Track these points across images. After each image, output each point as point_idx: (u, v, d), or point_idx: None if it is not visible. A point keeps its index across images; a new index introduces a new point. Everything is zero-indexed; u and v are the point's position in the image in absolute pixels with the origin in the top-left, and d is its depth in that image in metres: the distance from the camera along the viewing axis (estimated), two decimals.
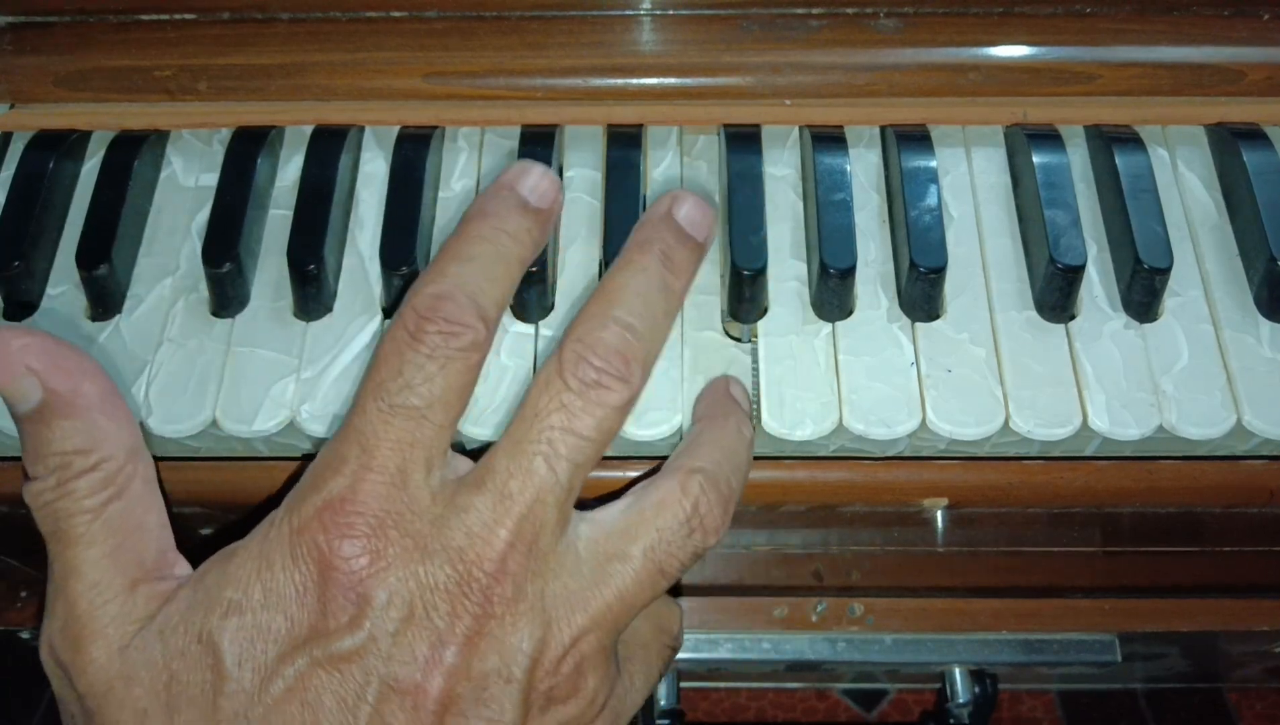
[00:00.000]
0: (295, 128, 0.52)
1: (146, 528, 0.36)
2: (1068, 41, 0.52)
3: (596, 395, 0.35)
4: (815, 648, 0.63)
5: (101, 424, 0.35)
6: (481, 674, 0.33)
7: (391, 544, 0.33)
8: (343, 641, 0.33)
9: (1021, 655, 0.63)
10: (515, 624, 0.34)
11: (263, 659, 0.33)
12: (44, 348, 0.35)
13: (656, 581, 0.36)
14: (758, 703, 1.12)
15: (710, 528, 0.37)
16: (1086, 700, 1.10)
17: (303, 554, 0.33)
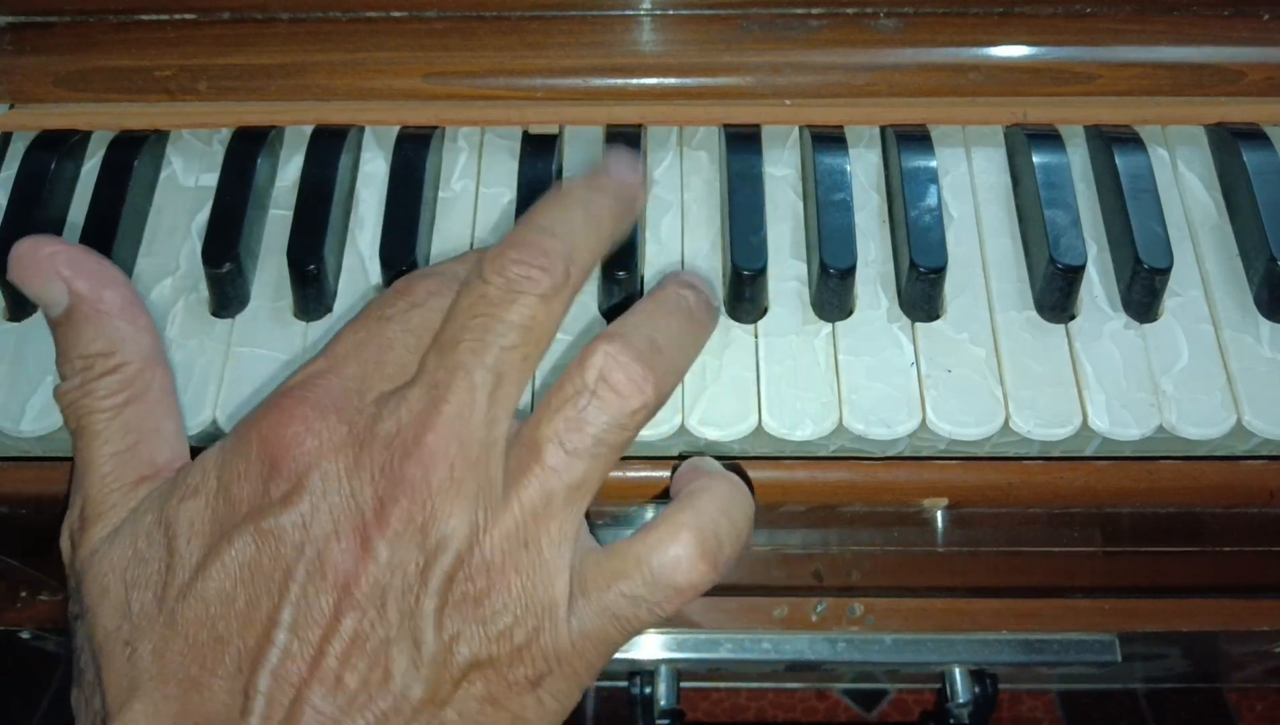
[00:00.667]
0: (295, 128, 0.52)
1: (162, 433, 0.38)
2: (1068, 41, 0.52)
3: (519, 284, 0.36)
4: (815, 648, 0.63)
5: (122, 329, 0.38)
6: (404, 563, 0.33)
7: (331, 430, 0.35)
8: (278, 517, 0.34)
9: (1021, 655, 0.63)
10: (438, 515, 0.34)
11: (209, 537, 0.34)
12: (71, 255, 0.38)
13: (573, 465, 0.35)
14: (758, 703, 1.12)
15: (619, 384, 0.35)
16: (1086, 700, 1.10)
17: (254, 437, 0.35)
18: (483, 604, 0.34)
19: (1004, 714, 1.09)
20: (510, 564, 0.34)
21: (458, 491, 0.34)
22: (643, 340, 0.36)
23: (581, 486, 0.35)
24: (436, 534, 0.34)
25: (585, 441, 0.35)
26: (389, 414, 0.35)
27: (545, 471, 0.35)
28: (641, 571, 0.35)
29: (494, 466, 0.35)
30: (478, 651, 0.34)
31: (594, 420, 0.35)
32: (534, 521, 0.35)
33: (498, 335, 0.36)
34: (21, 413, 0.45)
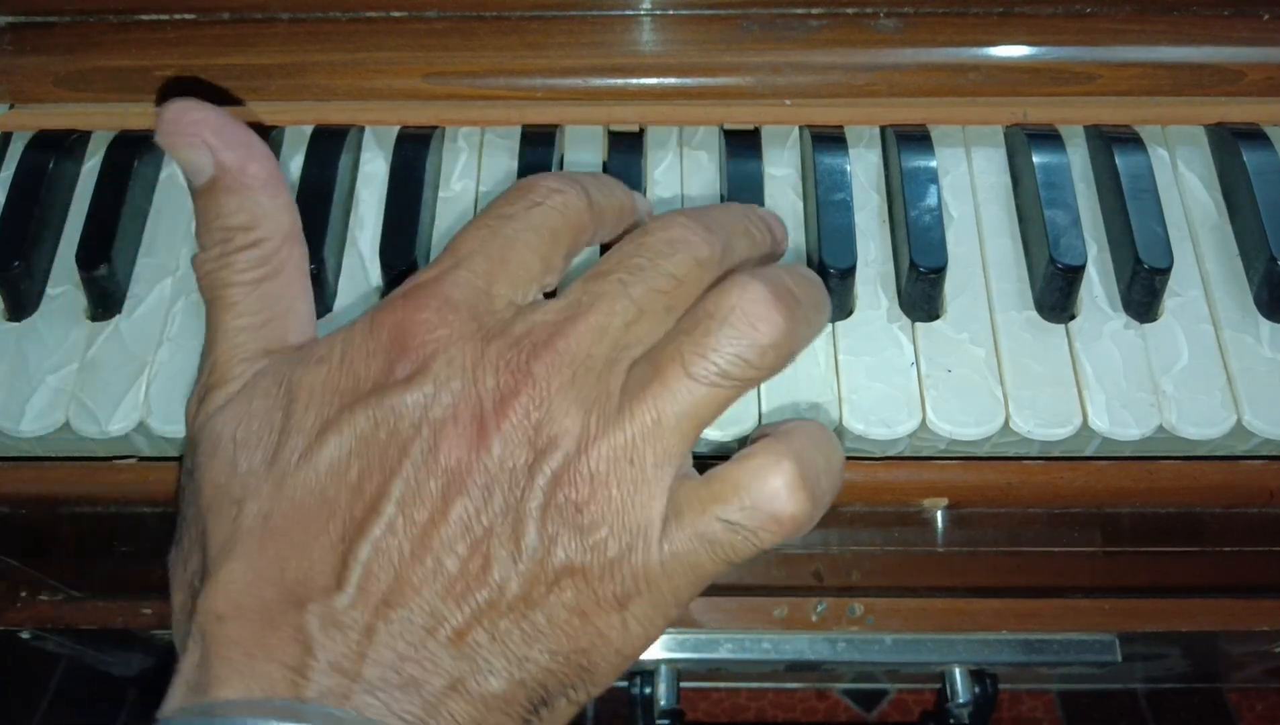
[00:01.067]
0: (295, 128, 0.52)
1: (295, 312, 0.38)
2: (1068, 41, 0.52)
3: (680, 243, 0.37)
4: (815, 648, 0.63)
5: (264, 204, 0.38)
6: (514, 459, 0.34)
7: (462, 322, 0.35)
8: (398, 396, 0.34)
9: (1021, 655, 0.63)
10: (553, 415, 0.34)
11: (328, 408, 0.34)
12: (219, 124, 0.37)
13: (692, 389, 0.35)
14: (758, 703, 1.12)
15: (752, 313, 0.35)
16: (1087, 700, 1.10)
17: (381, 321, 0.35)
18: (583, 511, 0.34)
19: (1004, 714, 1.09)
20: (614, 476, 0.34)
21: (576, 396, 0.34)
22: (781, 285, 0.36)
23: (695, 414, 0.35)
24: (549, 433, 0.34)
25: (710, 368, 0.35)
26: (524, 318, 0.36)
27: (663, 390, 0.35)
28: (741, 497, 0.35)
29: (614, 382, 0.35)
30: (573, 557, 0.34)
31: (722, 348, 0.35)
32: (642, 439, 0.35)
33: (650, 274, 0.36)
34: (21, 413, 0.45)
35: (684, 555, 0.35)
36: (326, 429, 0.34)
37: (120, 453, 0.47)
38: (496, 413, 0.34)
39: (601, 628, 0.34)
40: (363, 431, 0.34)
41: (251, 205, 0.37)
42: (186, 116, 0.37)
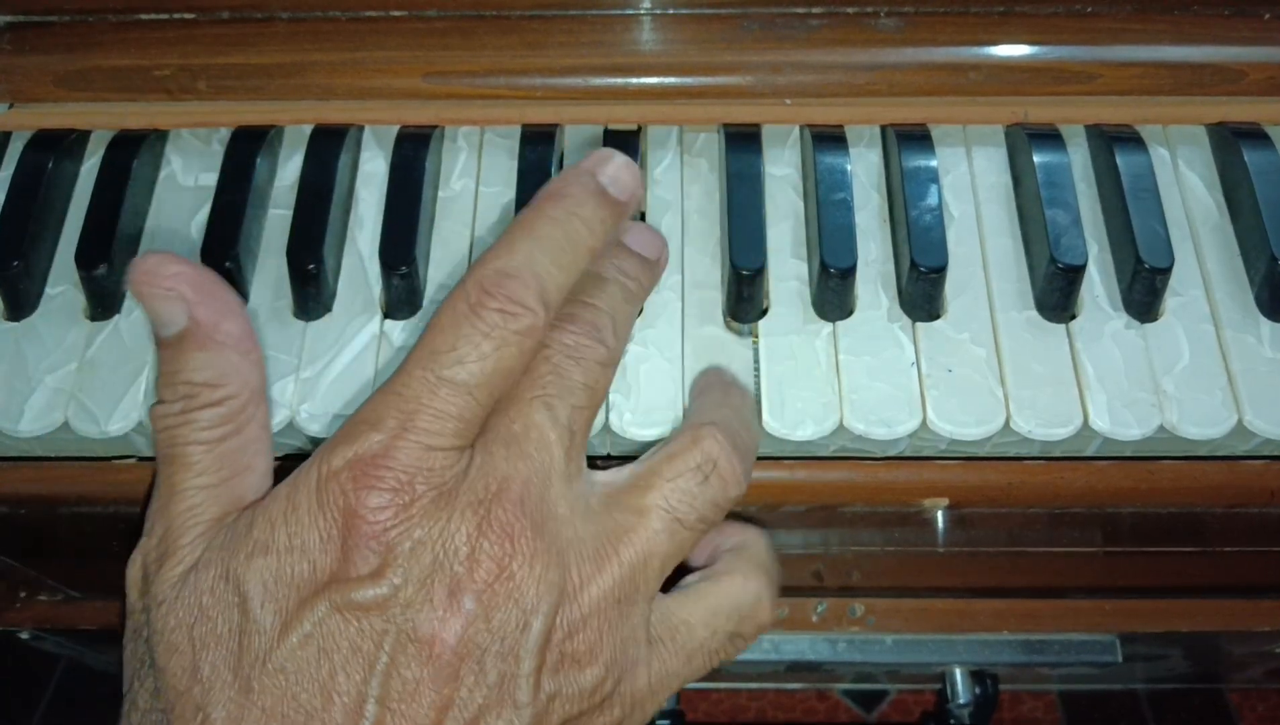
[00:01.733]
0: (295, 127, 0.52)
1: (254, 470, 0.37)
2: (1068, 41, 0.51)
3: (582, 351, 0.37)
4: (815, 648, 0.63)
5: (235, 362, 0.36)
6: (500, 623, 0.33)
7: (418, 498, 0.34)
8: (365, 591, 0.33)
9: (1022, 656, 0.63)
10: (533, 570, 0.34)
11: (285, 603, 0.33)
12: (196, 279, 0.36)
13: (676, 532, 0.37)
14: (758, 703, 1.12)
15: (726, 474, 0.38)
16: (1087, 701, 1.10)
17: (329, 502, 0.34)
18: (580, 661, 0.35)
19: (1005, 714, 1.09)
20: (605, 622, 0.35)
21: (548, 550, 0.34)
22: (739, 436, 0.39)
23: (675, 555, 0.37)
24: (533, 593, 0.33)
25: (694, 514, 0.37)
26: (475, 472, 0.35)
27: (652, 535, 0.36)
28: (726, 614, 0.38)
29: (581, 523, 0.36)
30: (570, 710, 0.34)
31: (703, 498, 0.37)
32: (630, 581, 0.36)
33: (568, 395, 0.36)
34: (21, 413, 0.45)
35: (673, 673, 0.37)
36: (289, 628, 0.32)
37: (119, 453, 0.47)
38: (473, 587, 0.33)
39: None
40: (330, 629, 0.32)
41: (221, 362, 0.36)
42: (164, 268, 0.36)
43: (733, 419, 0.40)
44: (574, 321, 0.38)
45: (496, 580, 0.33)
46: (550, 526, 0.34)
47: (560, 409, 0.36)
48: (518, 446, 0.35)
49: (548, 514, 0.35)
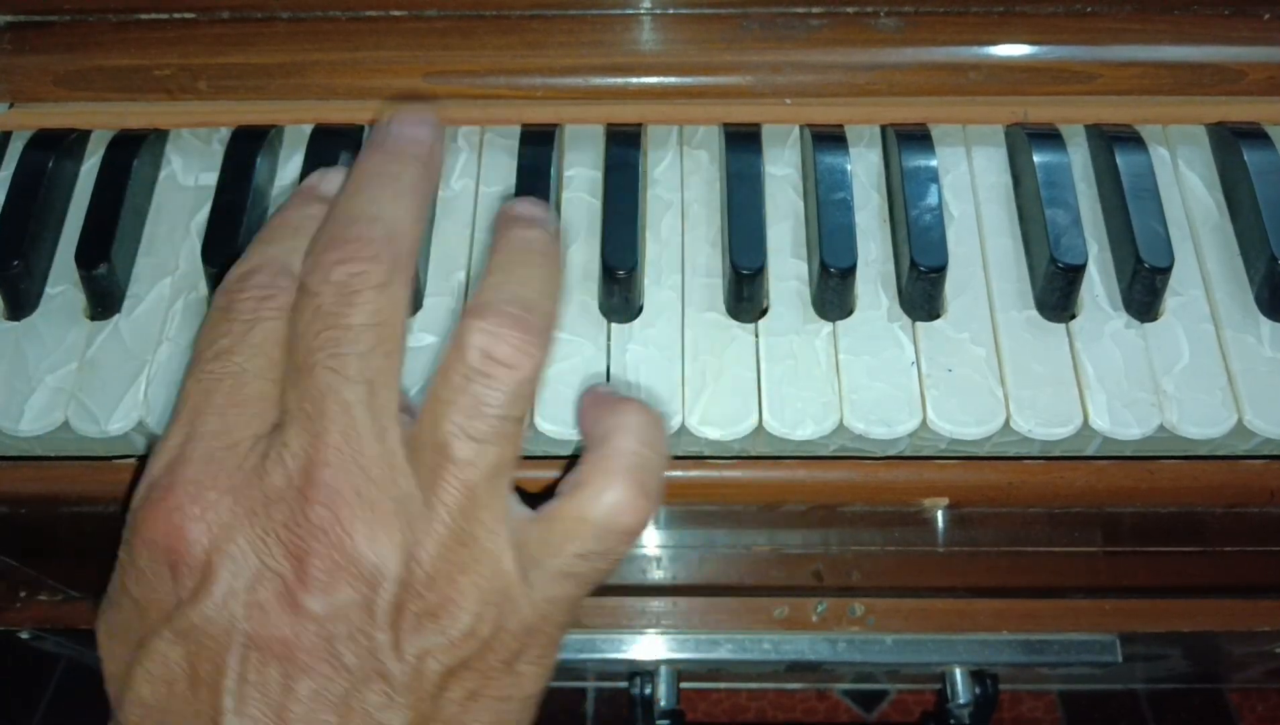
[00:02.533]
0: (295, 127, 0.52)
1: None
2: (1068, 41, 0.51)
3: (350, 285, 0.34)
4: (815, 648, 0.63)
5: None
6: (342, 607, 0.32)
7: (212, 506, 0.33)
8: (192, 613, 0.32)
9: (1022, 656, 0.63)
10: (360, 544, 0.32)
11: (131, 646, 0.33)
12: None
13: (484, 449, 0.34)
14: (758, 703, 1.12)
15: (504, 356, 0.34)
16: (1087, 701, 1.10)
17: (140, 536, 0.33)
18: (440, 615, 0.33)
19: (1004, 714, 1.09)
20: (455, 567, 0.33)
21: (374, 517, 0.33)
22: (513, 303, 0.35)
23: (499, 467, 0.34)
24: (368, 566, 0.32)
25: (490, 424, 0.34)
26: (272, 465, 0.33)
27: (460, 467, 0.33)
28: (588, 527, 0.34)
29: (402, 478, 0.33)
30: (447, 660, 0.33)
31: (492, 401, 0.33)
32: (464, 518, 0.33)
33: (349, 343, 0.34)
34: (21, 412, 0.45)
35: (552, 596, 0.35)
36: (133, 667, 0.33)
37: (120, 452, 0.47)
38: (301, 580, 0.32)
39: (499, 694, 0.34)
40: (172, 659, 0.32)
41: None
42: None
43: (507, 283, 0.35)
44: (335, 246, 0.35)
45: (326, 567, 0.32)
46: (369, 493, 0.33)
47: (348, 364, 0.33)
48: (312, 423, 0.33)
49: (363, 481, 0.33)
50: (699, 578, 0.61)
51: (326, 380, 0.33)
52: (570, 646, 0.61)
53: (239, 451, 0.34)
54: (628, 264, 0.46)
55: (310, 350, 0.34)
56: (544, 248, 0.37)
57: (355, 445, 0.33)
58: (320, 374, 0.33)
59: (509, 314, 0.34)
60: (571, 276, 0.48)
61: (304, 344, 0.34)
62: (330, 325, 0.34)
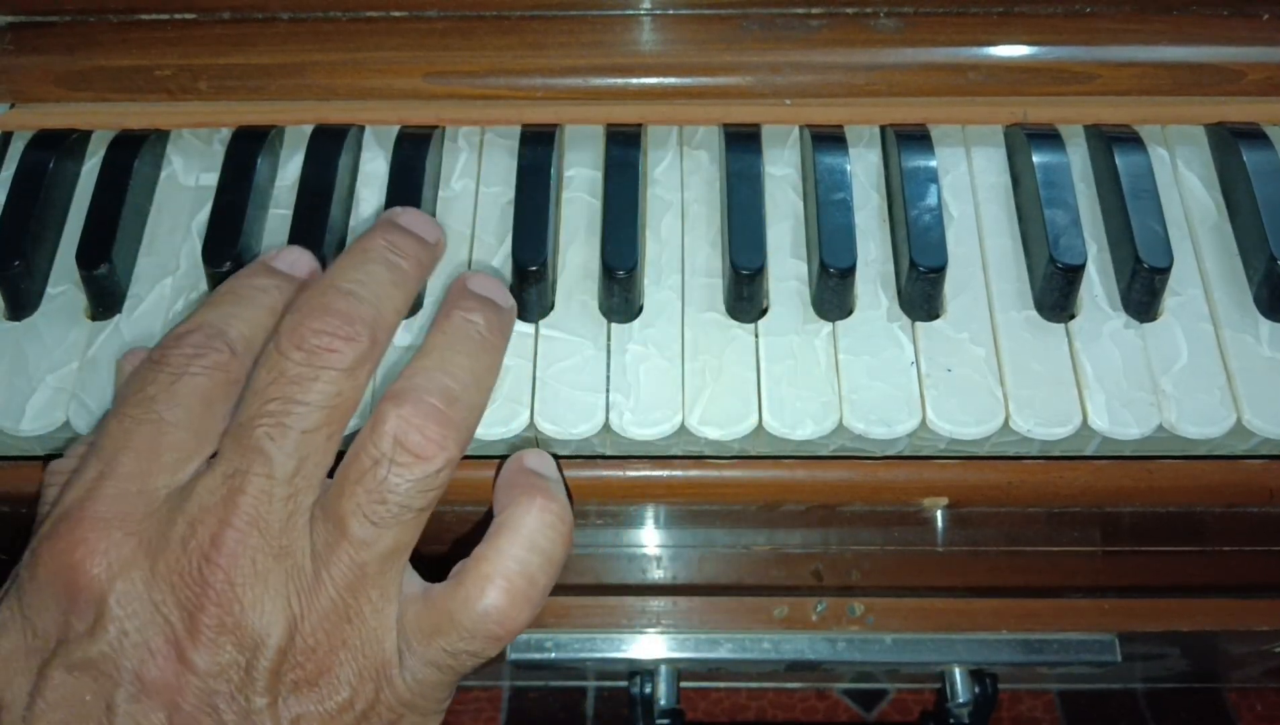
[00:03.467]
0: (295, 127, 0.52)
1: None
2: (1068, 41, 0.52)
3: (320, 358, 0.34)
4: (815, 648, 0.63)
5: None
6: (225, 665, 0.33)
7: (119, 547, 0.33)
8: (87, 648, 0.33)
9: (1021, 655, 0.63)
10: (250, 613, 0.33)
11: (29, 674, 0.33)
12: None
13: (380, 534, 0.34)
14: (758, 703, 1.12)
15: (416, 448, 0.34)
16: (1086, 700, 1.10)
17: (42, 568, 0.34)
18: (317, 684, 0.33)
19: (1004, 714, 1.09)
20: (336, 641, 0.34)
21: (265, 585, 0.33)
22: (436, 393, 0.35)
23: (395, 551, 0.35)
24: (252, 632, 0.33)
25: (390, 510, 0.34)
26: (181, 513, 0.34)
27: (354, 546, 0.34)
28: (456, 628, 0.35)
29: (299, 550, 0.34)
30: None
31: (396, 488, 0.34)
32: (351, 595, 0.34)
33: (298, 418, 0.34)
34: (22, 412, 0.45)
35: (425, 680, 0.35)
36: (32, 699, 0.33)
37: None
38: (189, 632, 0.32)
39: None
40: (65, 693, 0.32)
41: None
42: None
43: (435, 368, 0.36)
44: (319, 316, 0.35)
45: (212, 628, 0.33)
46: (264, 564, 0.33)
47: (288, 437, 0.34)
48: (233, 484, 0.34)
49: (261, 553, 0.33)
50: (699, 577, 0.61)
51: (263, 445, 0.34)
52: (570, 646, 0.61)
53: (152, 497, 0.34)
54: (628, 264, 0.46)
55: (259, 412, 0.34)
56: (485, 334, 0.38)
57: (265, 513, 0.34)
58: (259, 439, 0.34)
59: (429, 405, 0.35)
60: (571, 276, 0.48)
61: (255, 402, 0.35)
62: (285, 396, 0.34)
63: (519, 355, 0.46)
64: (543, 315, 0.47)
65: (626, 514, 0.54)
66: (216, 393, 0.36)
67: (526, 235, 0.47)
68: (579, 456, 0.46)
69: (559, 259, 0.48)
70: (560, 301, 0.47)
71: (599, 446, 0.46)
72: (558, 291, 0.48)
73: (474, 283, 0.40)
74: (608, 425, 0.44)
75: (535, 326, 0.47)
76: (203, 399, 0.35)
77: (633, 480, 0.46)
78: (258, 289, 0.38)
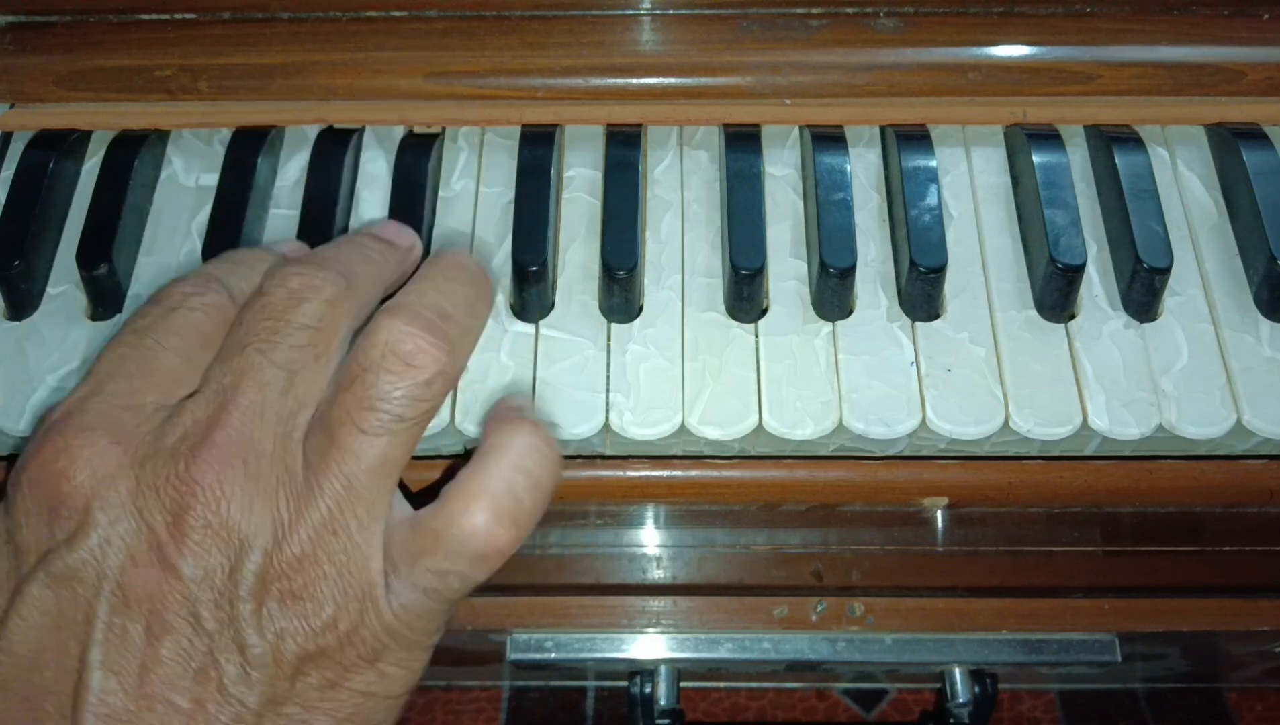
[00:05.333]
0: (296, 127, 0.52)
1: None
2: (1067, 41, 0.52)
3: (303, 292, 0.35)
4: (815, 648, 0.63)
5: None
6: (209, 570, 0.32)
7: (104, 455, 0.33)
8: (67, 557, 0.32)
9: (1021, 655, 0.63)
10: (234, 514, 0.32)
11: (5, 591, 0.33)
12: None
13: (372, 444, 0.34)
14: (758, 703, 1.12)
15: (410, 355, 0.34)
16: (1086, 700, 1.10)
17: (24, 479, 0.33)
18: (301, 598, 0.33)
19: (1004, 714, 1.09)
20: (322, 553, 0.33)
21: (255, 487, 0.33)
22: (429, 307, 0.35)
23: (384, 465, 0.34)
24: (239, 535, 0.32)
25: (381, 418, 0.34)
26: (172, 424, 0.34)
27: (345, 455, 0.34)
28: (442, 547, 0.34)
29: (292, 458, 0.34)
30: (305, 645, 0.33)
31: (387, 394, 0.34)
32: (339, 508, 0.33)
33: (286, 335, 0.35)
34: (23, 412, 0.45)
35: (412, 604, 0.35)
36: (9, 614, 0.32)
37: None
38: (173, 536, 0.32)
39: (360, 688, 0.34)
40: (44, 606, 0.32)
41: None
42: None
43: (430, 290, 0.36)
44: (299, 264, 0.36)
45: (198, 528, 0.32)
46: (255, 466, 0.33)
47: (277, 351, 0.34)
48: (224, 395, 0.34)
49: (253, 453, 0.33)
50: (699, 577, 0.61)
51: (253, 359, 0.34)
52: (570, 646, 0.61)
53: (141, 413, 0.34)
54: (628, 264, 0.46)
55: (247, 335, 0.35)
56: (475, 272, 0.38)
57: (257, 420, 0.34)
58: (249, 354, 0.34)
59: (424, 317, 0.35)
60: (571, 276, 0.48)
61: (243, 331, 0.35)
62: (271, 316, 0.35)
63: (518, 356, 0.46)
64: (543, 315, 0.47)
65: (626, 514, 0.54)
66: (212, 329, 0.36)
67: (526, 235, 0.47)
68: (579, 456, 0.46)
69: (559, 259, 0.48)
70: (560, 301, 0.47)
71: (599, 446, 0.46)
72: (558, 291, 0.48)
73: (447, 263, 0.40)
74: (608, 425, 0.44)
75: (535, 326, 0.47)
76: (198, 332, 0.36)
77: (633, 480, 0.46)
78: (254, 255, 0.39)
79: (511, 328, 0.47)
